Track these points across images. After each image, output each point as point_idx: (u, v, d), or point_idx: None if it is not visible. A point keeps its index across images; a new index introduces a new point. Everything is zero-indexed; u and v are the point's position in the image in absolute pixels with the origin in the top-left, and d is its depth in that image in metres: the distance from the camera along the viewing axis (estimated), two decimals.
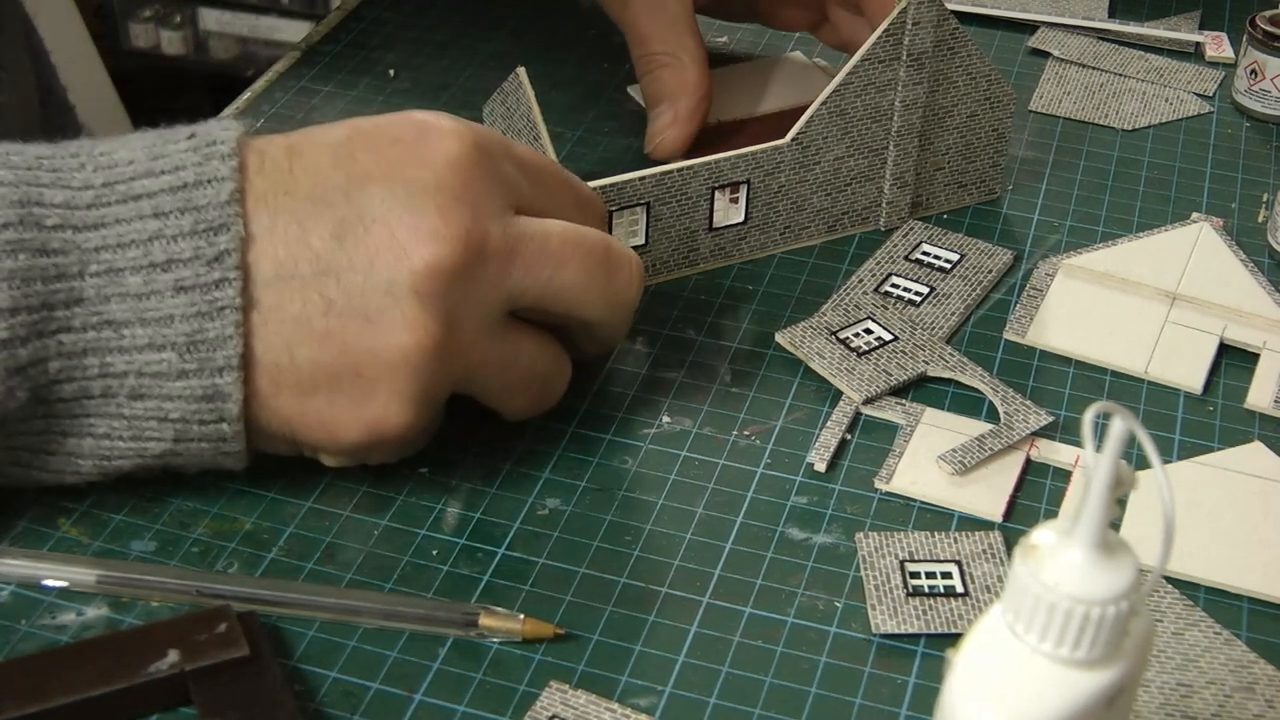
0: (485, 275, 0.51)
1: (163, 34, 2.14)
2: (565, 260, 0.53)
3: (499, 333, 0.53)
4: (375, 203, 0.50)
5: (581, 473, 0.56)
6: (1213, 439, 0.59)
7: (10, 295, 0.47)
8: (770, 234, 0.68)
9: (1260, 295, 0.65)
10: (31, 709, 0.45)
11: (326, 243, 0.50)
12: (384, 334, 0.50)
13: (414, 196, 0.50)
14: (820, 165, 0.67)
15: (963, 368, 0.61)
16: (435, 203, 0.50)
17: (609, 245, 0.55)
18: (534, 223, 0.52)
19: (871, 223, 0.70)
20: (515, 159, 0.54)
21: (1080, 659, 0.35)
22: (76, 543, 0.53)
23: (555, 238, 0.53)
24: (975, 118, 0.70)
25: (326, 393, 0.50)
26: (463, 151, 0.51)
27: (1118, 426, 0.33)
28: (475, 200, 0.51)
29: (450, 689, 0.48)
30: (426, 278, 0.49)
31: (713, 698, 0.48)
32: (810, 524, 0.55)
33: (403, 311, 0.50)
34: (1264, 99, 0.80)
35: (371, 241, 0.50)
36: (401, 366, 0.50)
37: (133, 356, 0.49)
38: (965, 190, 0.71)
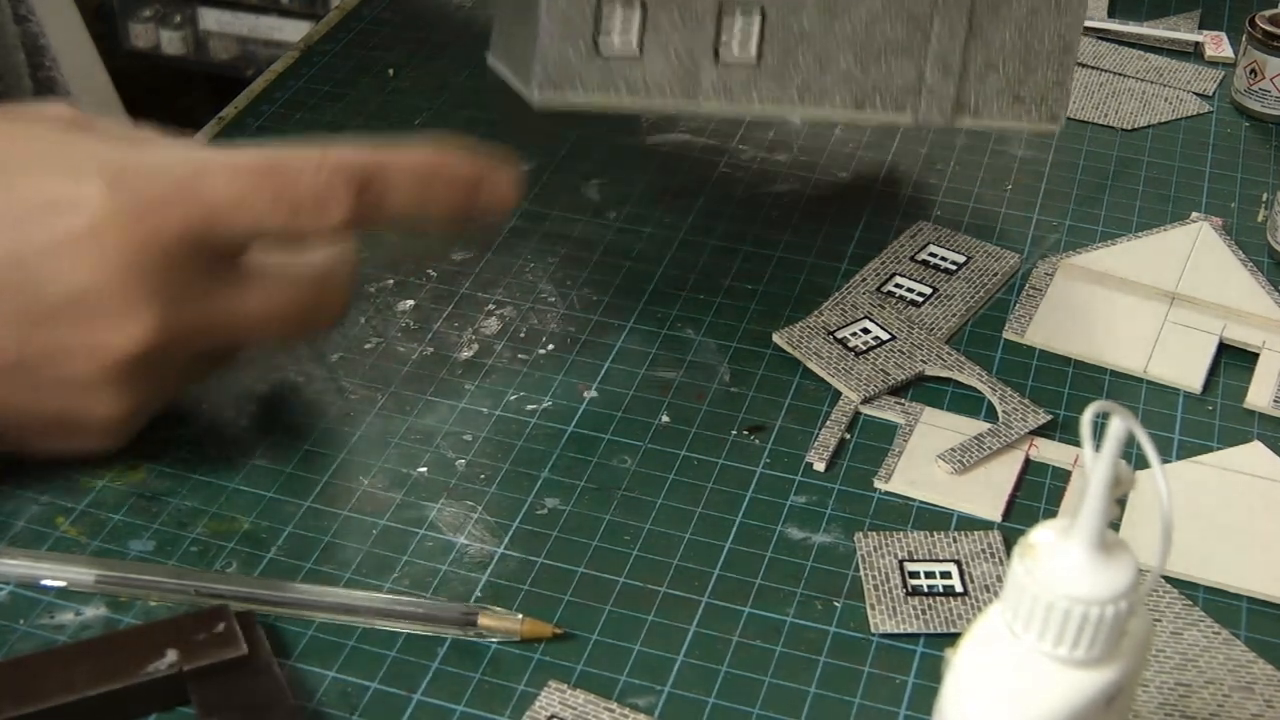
0: (175, 351, 0.52)
1: (163, 34, 2.14)
2: (265, 323, 0.53)
3: (196, 357, 0.54)
4: (57, 305, 0.49)
5: (580, 472, 0.56)
6: (1212, 439, 0.59)
7: None
8: (786, 88, 0.60)
9: (1260, 295, 0.65)
10: (30, 709, 0.45)
11: (11, 340, 0.50)
12: (82, 413, 0.52)
13: (94, 298, 0.49)
14: (851, 18, 0.60)
15: (961, 367, 0.61)
16: (115, 304, 0.49)
17: (317, 298, 0.55)
18: (233, 294, 0.52)
19: (907, 112, 0.62)
20: (218, 226, 0.51)
21: (1079, 659, 0.35)
22: (75, 542, 0.53)
23: (255, 308, 0.53)
24: (1038, 15, 0.62)
25: (40, 440, 0.53)
26: (142, 242, 0.49)
27: (1117, 426, 0.33)
28: (156, 291, 0.50)
29: (449, 689, 0.48)
30: (116, 372, 0.51)
31: (712, 697, 0.48)
32: (809, 523, 0.55)
33: (97, 398, 0.51)
34: (1264, 98, 0.80)
35: (58, 341, 0.50)
36: (103, 428, 0.53)
37: None
38: (1022, 105, 0.64)
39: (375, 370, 0.61)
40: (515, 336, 0.63)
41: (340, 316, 0.56)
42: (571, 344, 0.63)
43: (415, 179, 0.53)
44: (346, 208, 0.51)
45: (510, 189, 0.56)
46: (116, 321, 0.50)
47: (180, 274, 0.50)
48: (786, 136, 0.77)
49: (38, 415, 0.52)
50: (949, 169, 0.75)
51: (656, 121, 0.78)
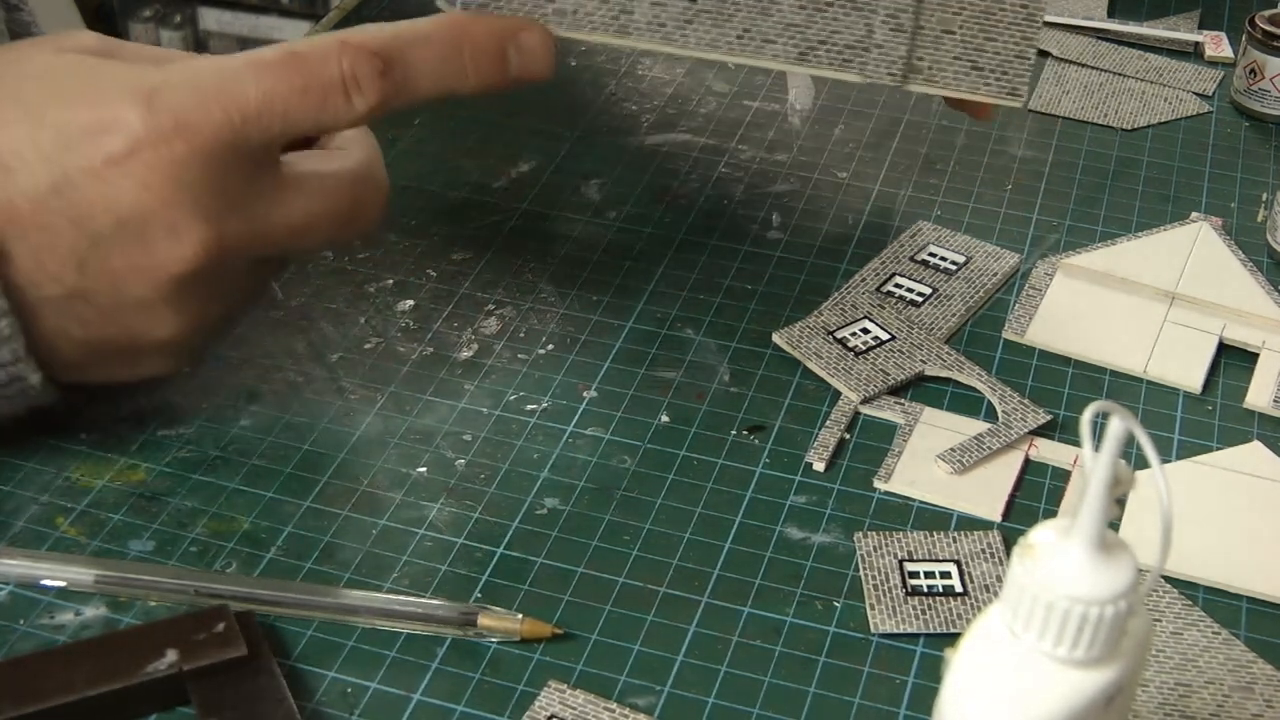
0: (228, 262, 0.52)
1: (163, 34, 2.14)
2: (309, 230, 0.54)
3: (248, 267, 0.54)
4: (106, 230, 0.50)
5: (580, 472, 0.56)
6: (1212, 439, 0.59)
7: None
8: (724, 30, 0.58)
9: (1259, 295, 0.65)
10: (29, 709, 0.45)
11: (68, 270, 0.50)
12: (141, 335, 0.53)
13: (142, 218, 0.50)
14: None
15: (961, 367, 0.61)
16: (163, 223, 0.50)
17: (355, 197, 0.55)
18: (276, 197, 0.52)
19: (852, 67, 0.59)
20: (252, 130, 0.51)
21: (1079, 658, 0.35)
22: (75, 542, 0.53)
23: (299, 211, 0.53)
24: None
25: (100, 368, 0.54)
26: (181, 157, 0.50)
27: (1116, 426, 0.33)
28: (202, 206, 0.50)
29: (449, 689, 0.48)
30: (172, 290, 0.51)
31: (711, 697, 0.48)
32: (809, 523, 0.55)
33: (155, 317, 0.52)
34: (1263, 98, 0.80)
35: (112, 266, 0.51)
36: (162, 350, 0.54)
37: None
38: (980, 75, 0.60)
39: (375, 370, 0.61)
40: (515, 336, 0.63)
41: (378, 218, 0.56)
42: (571, 344, 0.63)
43: (439, 51, 0.53)
44: (375, 89, 0.52)
45: (543, 48, 0.55)
46: (166, 239, 0.50)
47: (223, 184, 0.51)
48: (786, 136, 0.77)
49: (99, 343, 0.52)
50: (949, 169, 0.75)
51: (656, 121, 0.78)
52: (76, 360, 0.53)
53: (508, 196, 0.72)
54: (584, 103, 0.80)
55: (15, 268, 0.50)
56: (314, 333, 0.63)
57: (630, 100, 0.80)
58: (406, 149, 0.76)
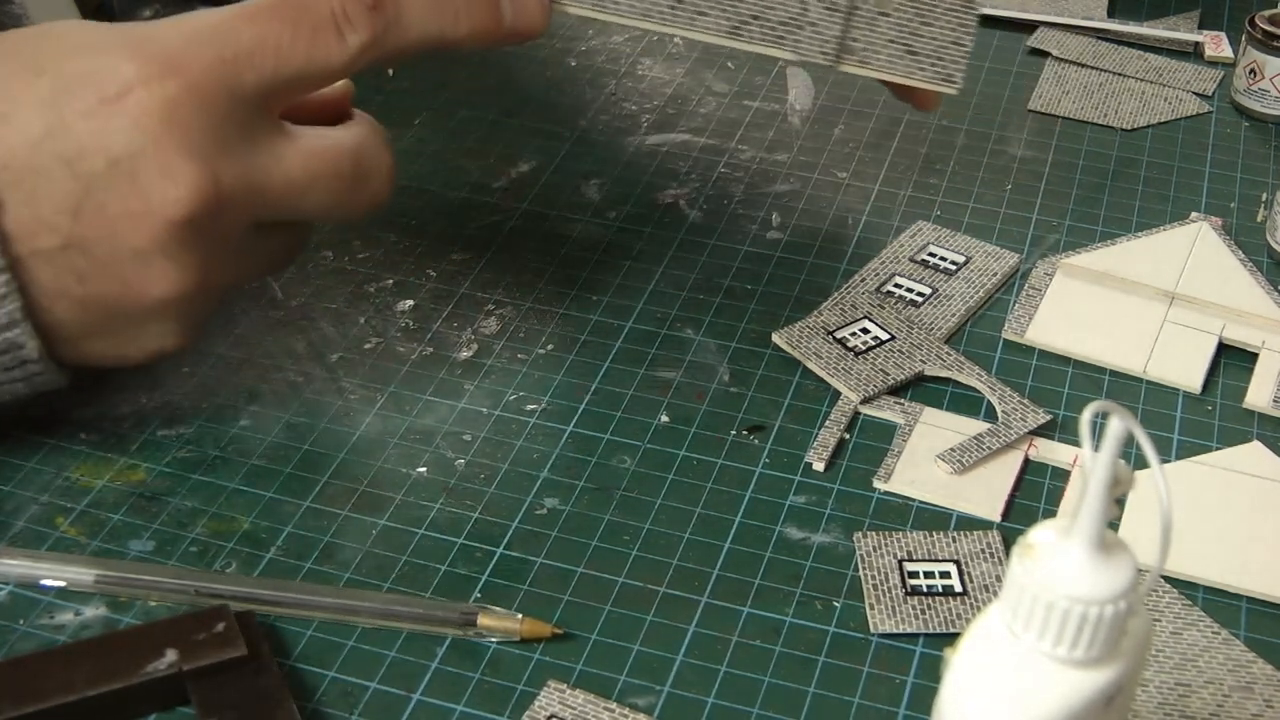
0: (226, 214, 0.52)
1: None
2: (310, 187, 0.53)
3: (255, 234, 0.54)
4: (99, 172, 0.50)
5: (580, 472, 0.56)
6: (1211, 438, 0.59)
7: None
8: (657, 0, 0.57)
9: (1259, 295, 0.65)
10: (29, 709, 0.45)
11: (62, 217, 0.50)
12: (140, 292, 0.52)
13: (135, 159, 0.50)
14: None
15: (960, 367, 0.61)
16: (157, 164, 0.50)
17: (358, 158, 0.55)
18: (274, 148, 0.52)
19: (786, 45, 0.58)
20: (245, 70, 0.51)
21: (1079, 658, 0.35)
22: (75, 542, 0.53)
23: (297, 165, 0.53)
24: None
25: (103, 338, 0.53)
26: (173, 96, 0.50)
27: (1116, 426, 0.33)
28: (196, 146, 0.50)
29: (448, 688, 0.48)
30: (169, 238, 0.51)
31: (711, 697, 0.48)
32: (809, 523, 0.55)
33: (153, 270, 0.51)
34: (1263, 98, 0.80)
35: (107, 212, 0.50)
36: (164, 312, 0.53)
37: None
38: (915, 61, 0.59)
39: (375, 370, 0.61)
40: (515, 336, 0.63)
41: (384, 194, 0.56)
42: (571, 344, 0.63)
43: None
44: (365, 24, 0.52)
45: (538, 5, 0.56)
46: (160, 183, 0.50)
47: (218, 128, 0.50)
48: (786, 136, 0.77)
49: (98, 303, 0.52)
50: (949, 169, 0.75)
51: (656, 121, 0.78)
52: (76, 328, 0.52)
53: (508, 196, 0.72)
54: (584, 103, 0.80)
55: (10, 216, 0.50)
56: (314, 333, 0.63)
57: (630, 100, 0.80)
58: (406, 149, 0.76)
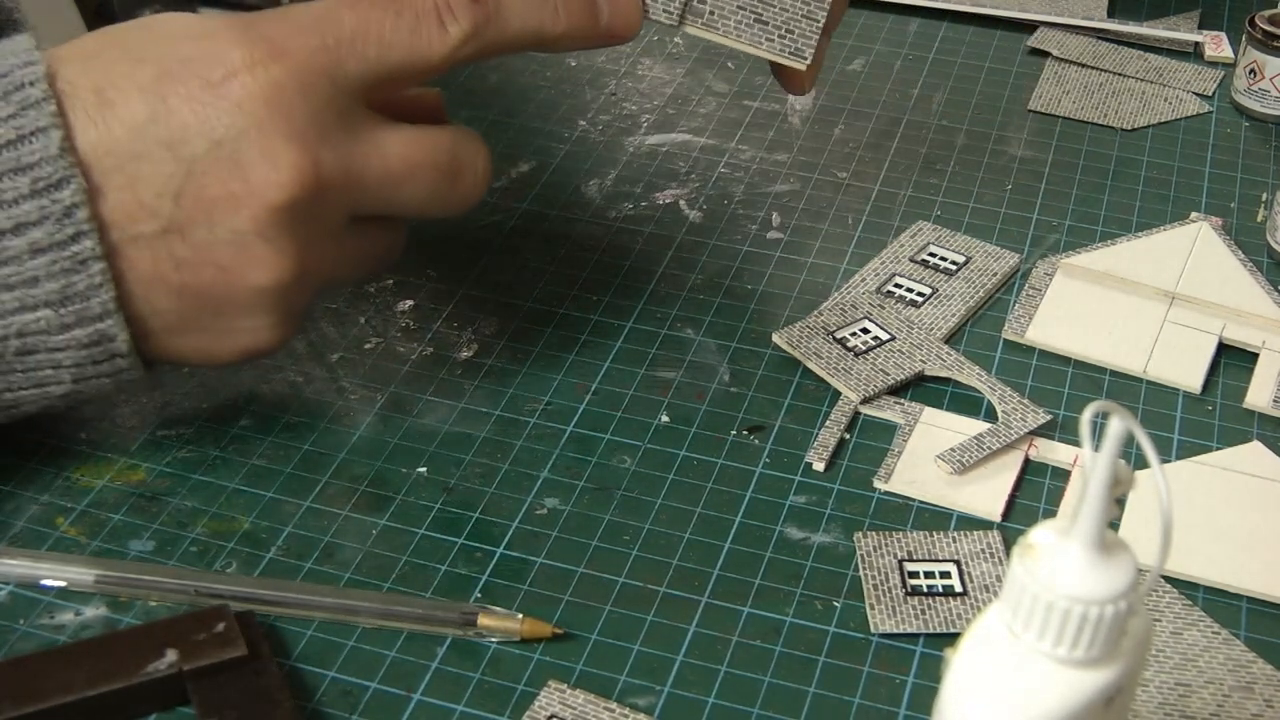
0: (326, 202, 0.52)
1: None
2: (407, 178, 0.53)
3: (353, 227, 0.54)
4: (201, 155, 0.50)
5: (580, 472, 0.56)
6: (1211, 438, 0.59)
7: None
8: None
9: (1259, 295, 0.65)
10: (29, 709, 0.45)
11: (163, 201, 0.50)
12: (238, 278, 0.51)
13: (238, 142, 0.50)
14: None
15: (960, 367, 0.61)
16: (259, 147, 0.50)
17: (454, 153, 0.54)
18: (374, 137, 0.52)
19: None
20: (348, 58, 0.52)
21: (1079, 658, 0.35)
22: (75, 542, 0.53)
23: (396, 155, 0.53)
24: None
25: (195, 332, 0.53)
26: (277, 80, 0.50)
27: (1116, 426, 0.33)
28: (299, 131, 0.50)
29: (449, 688, 0.48)
30: (269, 222, 0.50)
31: (711, 697, 0.48)
32: (809, 523, 0.55)
33: (252, 256, 0.51)
34: (1263, 98, 0.80)
35: (207, 195, 0.50)
36: (260, 303, 0.52)
37: (9, 320, 0.49)
38: (764, 30, 0.57)
39: (375, 370, 0.61)
40: (515, 336, 0.63)
41: (479, 191, 0.56)
42: (571, 344, 0.63)
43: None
44: (467, 14, 0.53)
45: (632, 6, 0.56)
46: (262, 166, 0.50)
47: (320, 114, 0.51)
48: (786, 136, 0.77)
49: (195, 292, 0.52)
50: (949, 169, 0.75)
51: (656, 121, 0.78)
52: (170, 318, 0.52)
53: (508, 196, 0.72)
54: (584, 103, 0.80)
55: (109, 203, 0.50)
56: (314, 333, 0.63)
57: (630, 100, 0.80)
58: None
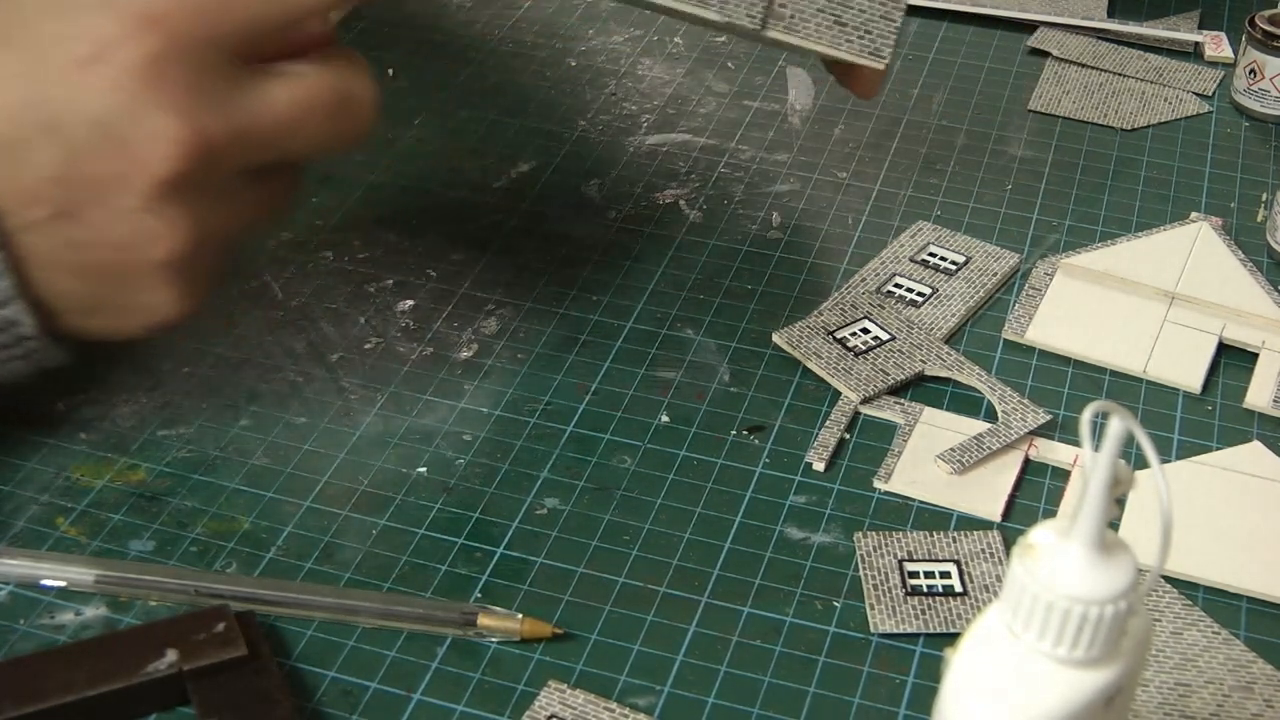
0: (215, 165, 0.51)
1: None
2: (298, 125, 0.52)
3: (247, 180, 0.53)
4: (82, 136, 0.49)
5: (580, 472, 0.56)
6: (1211, 438, 0.59)
7: None
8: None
9: (1259, 295, 0.65)
10: (29, 709, 0.45)
11: (50, 185, 0.49)
12: (135, 255, 0.51)
13: (118, 119, 0.49)
14: None
15: (960, 367, 0.61)
16: (139, 123, 0.49)
17: (341, 90, 0.53)
18: (259, 91, 0.51)
19: (712, 5, 0.57)
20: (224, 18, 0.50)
21: (1079, 658, 0.35)
22: (75, 542, 0.53)
23: (283, 104, 0.52)
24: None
25: (102, 310, 0.52)
26: (152, 51, 0.49)
27: (1116, 426, 0.33)
28: (178, 101, 0.49)
29: (449, 688, 0.48)
30: (157, 196, 0.50)
31: (711, 697, 0.48)
32: (809, 523, 0.55)
33: (146, 231, 0.50)
34: (1263, 98, 0.80)
35: (93, 176, 0.49)
36: (162, 274, 0.51)
37: None
38: (843, 32, 0.58)
39: (375, 370, 0.61)
40: (515, 336, 0.63)
41: (368, 125, 0.54)
42: (571, 344, 0.63)
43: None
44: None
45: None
46: (146, 139, 0.49)
47: (199, 79, 0.49)
48: (786, 136, 0.77)
49: (96, 270, 0.51)
50: (949, 169, 0.75)
51: (656, 121, 0.78)
52: (74, 300, 0.51)
53: (508, 196, 0.72)
54: (584, 103, 0.80)
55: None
56: (314, 333, 0.63)
57: (630, 100, 0.80)
58: (406, 149, 0.76)
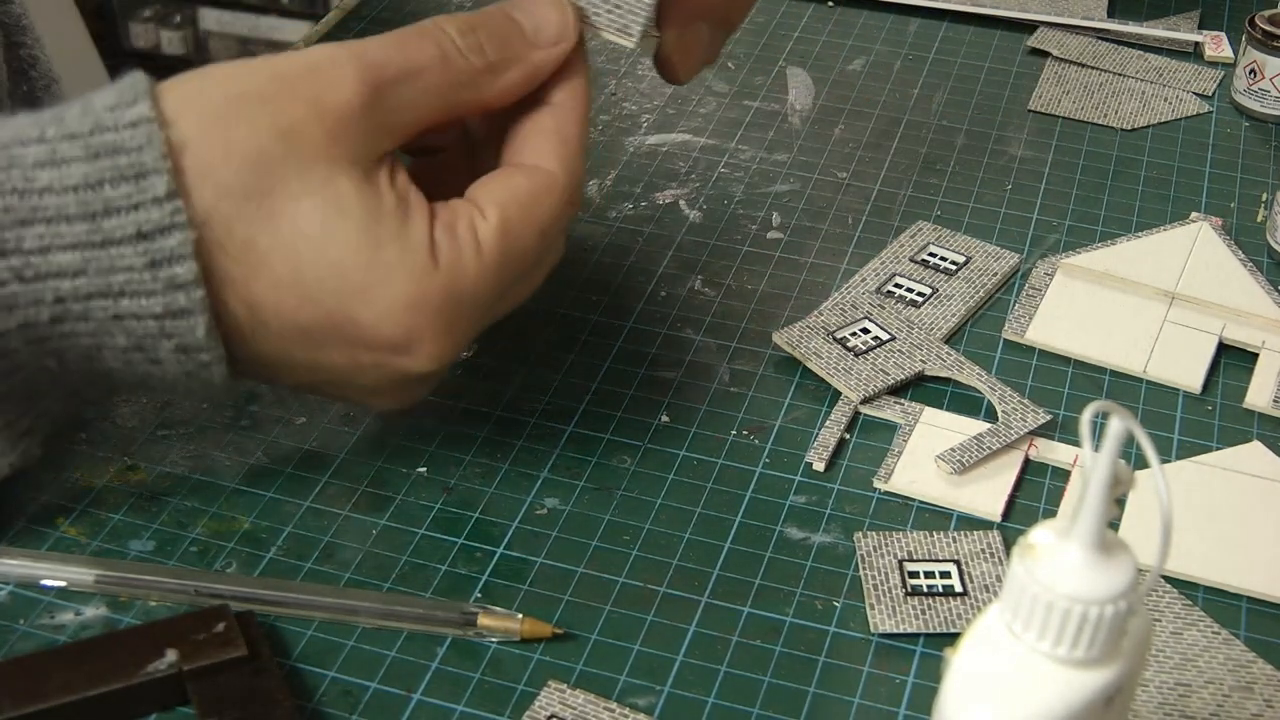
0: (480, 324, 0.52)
1: (163, 34, 2.14)
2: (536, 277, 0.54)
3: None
4: (361, 335, 0.49)
5: (580, 472, 0.56)
6: (1211, 438, 0.59)
7: None
8: None
9: (1259, 295, 0.65)
10: (30, 709, 0.45)
11: (325, 371, 0.51)
12: (390, 391, 0.53)
13: (395, 374, 0.51)
14: None
15: (960, 367, 0.61)
16: (415, 367, 0.50)
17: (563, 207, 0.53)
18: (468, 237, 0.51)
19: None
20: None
21: (1079, 658, 0.35)
22: (75, 542, 0.53)
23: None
24: None
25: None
26: (443, 354, 0.50)
27: (1116, 426, 0.33)
28: (456, 343, 0.51)
29: (449, 688, 0.48)
30: (418, 382, 0.52)
31: (711, 697, 0.48)
32: (809, 523, 0.55)
33: (411, 395, 0.53)
34: (1263, 98, 0.80)
35: (353, 365, 0.50)
36: (421, 385, 0.53)
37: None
38: (592, 2, 0.55)
39: None
40: (515, 336, 0.63)
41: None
42: (571, 344, 0.63)
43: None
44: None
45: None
46: (417, 372, 0.50)
47: (480, 317, 0.51)
48: (786, 136, 0.78)
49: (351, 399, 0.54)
50: (949, 169, 0.75)
51: (656, 121, 0.78)
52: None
53: None
54: None
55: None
56: None
57: (630, 100, 0.80)
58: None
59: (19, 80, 0.80)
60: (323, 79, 0.48)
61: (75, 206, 0.46)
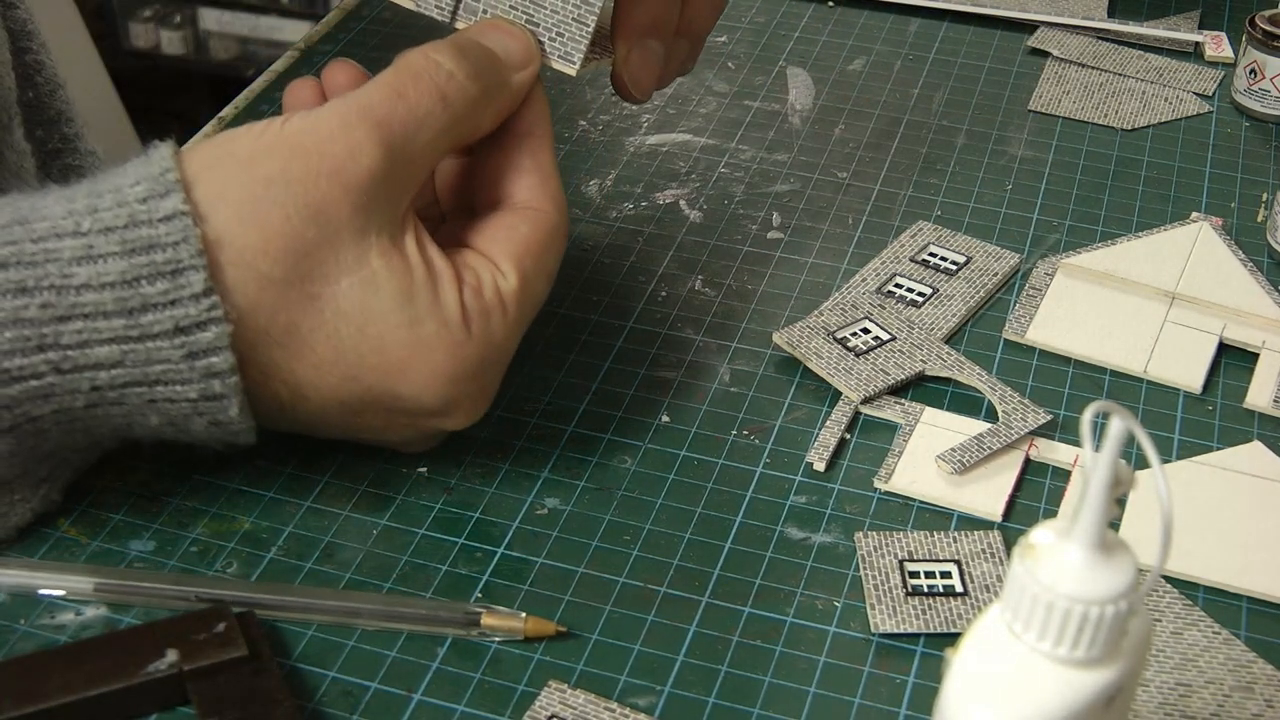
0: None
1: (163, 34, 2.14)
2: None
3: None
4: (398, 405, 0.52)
5: (580, 472, 0.56)
6: (1212, 439, 0.59)
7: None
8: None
9: (1259, 295, 0.65)
10: (30, 709, 0.45)
11: (336, 428, 0.53)
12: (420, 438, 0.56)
13: (416, 404, 0.52)
14: None
15: (961, 367, 0.61)
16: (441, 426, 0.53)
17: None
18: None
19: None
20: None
21: (1079, 658, 0.35)
22: (75, 542, 0.53)
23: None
24: None
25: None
26: (472, 413, 0.53)
27: (1116, 426, 0.33)
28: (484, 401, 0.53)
29: (449, 688, 0.48)
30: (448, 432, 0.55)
31: (712, 697, 0.48)
32: (809, 523, 0.55)
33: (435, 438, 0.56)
34: (1263, 98, 0.80)
35: (384, 423, 0.53)
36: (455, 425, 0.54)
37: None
38: (535, 32, 0.56)
39: None
40: None
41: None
42: (571, 344, 0.63)
43: None
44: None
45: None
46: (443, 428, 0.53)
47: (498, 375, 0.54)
48: (786, 136, 0.78)
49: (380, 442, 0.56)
50: (949, 169, 0.75)
51: (656, 121, 0.78)
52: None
53: None
54: (584, 103, 0.80)
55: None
56: None
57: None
58: None
59: (25, 86, 0.80)
60: (340, 148, 0.49)
61: (113, 303, 0.46)
